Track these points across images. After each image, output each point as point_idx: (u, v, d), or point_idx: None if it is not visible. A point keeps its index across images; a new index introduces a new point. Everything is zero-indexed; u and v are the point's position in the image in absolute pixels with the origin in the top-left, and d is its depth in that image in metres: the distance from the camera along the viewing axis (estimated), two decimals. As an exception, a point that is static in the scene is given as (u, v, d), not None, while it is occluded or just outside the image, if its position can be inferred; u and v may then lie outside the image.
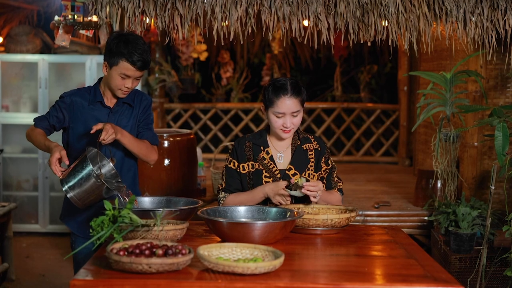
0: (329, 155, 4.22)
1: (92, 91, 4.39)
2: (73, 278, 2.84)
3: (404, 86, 10.67)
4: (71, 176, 3.86)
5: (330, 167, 4.20)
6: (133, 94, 4.42)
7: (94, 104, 4.36)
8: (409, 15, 5.44)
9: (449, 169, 6.19)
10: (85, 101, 4.36)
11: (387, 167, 10.81)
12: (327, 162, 4.18)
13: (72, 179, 3.86)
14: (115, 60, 4.14)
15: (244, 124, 11.45)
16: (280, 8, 5.33)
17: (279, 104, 3.98)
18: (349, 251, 3.44)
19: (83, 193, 3.85)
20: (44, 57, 8.76)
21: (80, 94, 4.40)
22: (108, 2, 5.43)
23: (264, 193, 3.97)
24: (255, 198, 4.00)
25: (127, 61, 4.11)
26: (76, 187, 3.85)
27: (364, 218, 6.94)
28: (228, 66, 12.13)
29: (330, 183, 4.19)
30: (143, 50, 4.14)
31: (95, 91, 4.38)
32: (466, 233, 5.87)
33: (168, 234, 3.27)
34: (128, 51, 4.09)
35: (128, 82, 4.20)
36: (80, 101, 4.37)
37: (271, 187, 3.95)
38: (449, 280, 2.86)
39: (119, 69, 4.15)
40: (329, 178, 4.19)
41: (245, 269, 2.80)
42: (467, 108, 5.99)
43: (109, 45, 4.16)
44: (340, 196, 4.21)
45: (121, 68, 4.14)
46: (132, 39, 4.14)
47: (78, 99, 4.37)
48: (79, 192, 3.85)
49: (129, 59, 4.10)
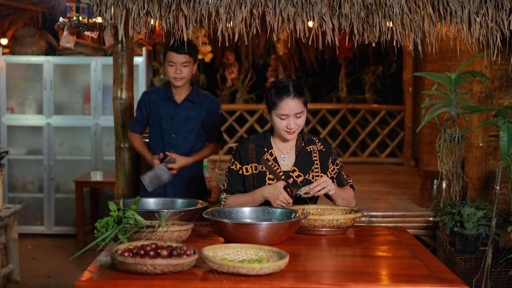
0: (336, 155, 4.22)
1: (164, 88, 5.43)
2: (77, 279, 2.84)
3: (409, 87, 10.66)
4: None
5: (339, 167, 4.20)
6: (200, 95, 5.39)
7: (164, 100, 5.35)
8: (414, 15, 5.43)
9: (454, 170, 6.18)
10: (158, 97, 5.38)
11: (392, 168, 10.80)
12: (335, 162, 4.18)
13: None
14: (165, 52, 5.28)
15: (249, 125, 11.45)
16: (284, 9, 5.33)
17: (282, 106, 3.97)
18: (354, 252, 3.44)
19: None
20: (49, 59, 8.78)
21: (155, 92, 5.47)
22: (112, 3, 5.43)
23: (263, 196, 3.95)
24: (255, 201, 3.99)
25: (169, 49, 5.14)
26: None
27: (369, 219, 6.94)
28: (233, 67, 12.12)
29: (341, 181, 4.19)
30: (183, 41, 4.87)
31: (166, 88, 5.40)
32: (471, 234, 5.86)
33: (173, 235, 3.26)
34: (172, 43, 4.96)
35: (176, 69, 5.18)
36: (154, 98, 5.40)
37: (270, 191, 3.92)
38: (454, 281, 2.86)
39: (167, 59, 5.20)
40: (339, 176, 4.19)
41: (250, 270, 2.80)
42: (472, 108, 5.98)
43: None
44: (353, 192, 4.22)
45: (168, 57, 5.20)
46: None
47: (153, 96, 5.41)
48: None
49: (171, 47, 5.10)
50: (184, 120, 5.39)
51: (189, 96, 5.39)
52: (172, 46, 5.07)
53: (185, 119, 5.39)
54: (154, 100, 5.41)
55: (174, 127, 5.42)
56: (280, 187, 3.88)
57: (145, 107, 5.44)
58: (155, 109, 5.41)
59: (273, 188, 3.91)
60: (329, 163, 4.15)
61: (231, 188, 4.14)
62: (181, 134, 5.40)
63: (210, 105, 5.43)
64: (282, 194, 3.86)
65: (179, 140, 5.41)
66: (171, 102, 5.38)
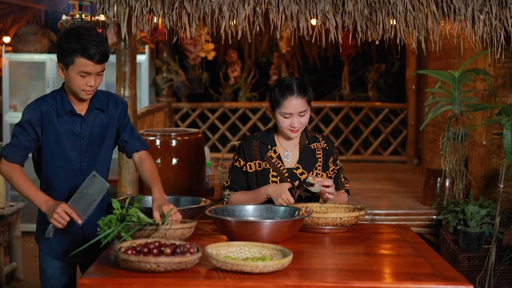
0: (337, 155, 4.21)
1: (59, 99, 3.75)
2: (81, 277, 2.84)
3: (412, 85, 10.64)
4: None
5: (338, 168, 4.19)
6: (106, 98, 3.88)
7: (63, 115, 3.74)
8: (417, 13, 5.43)
9: (458, 168, 6.18)
10: (54, 112, 3.72)
11: (395, 166, 10.78)
12: (335, 163, 4.17)
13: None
14: (69, 58, 3.59)
15: (252, 123, 11.44)
16: (288, 7, 5.32)
17: (286, 105, 3.96)
18: (357, 250, 3.44)
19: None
20: (52, 57, 8.78)
21: (48, 103, 3.75)
22: (115, 1, 5.43)
23: (267, 194, 3.95)
24: (258, 199, 3.99)
25: (83, 56, 3.57)
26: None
27: (372, 217, 6.93)
28: (235, 65, 12.12)
29: (337, 184, 4.17)
30: (99, 41, 3.61)
31: (62, 98, 3.75)
32: (474, 232, 5.85)
33: (176, 233, 3.26)
34: (81, 45, 3.56)
35: (90, 80, 3.64)
36: (49, 112, 3.73)
37: (274, 189, 3.93)
38: (458, 279, 2.86)
39: (77, 68, 3.59)
40: (337, 178, 4.18)
41: (254, 268, 2.80)
42: (475, 106, 5.97)
43: (60, 44, 3.63)
44: (347, 197, 4.22)
45: (79, 65, 3.59)
46: (83, 32, 3.62)
47: (47, 108, 3.73)
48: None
49: (85, 54, 3.56)
50: (94, 137, 3.90)
51: (95, 104, 3.84)
52: (86, 52, 3.57)
53: (95, 136, 3.89)
54: (50, 115, 3.74)
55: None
56: (285, 187, 3.88)
57: (39, 125, 3.72)
58: (52, 128, 3.76)
59: (277, 187, 3.92)
60: (329, 162, 4.14)
61: (235, 185, 4.14)
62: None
63: (119, 106, 3.98)
64: (286, 193, 3.86)
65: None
66: (74, 117, 3.78)
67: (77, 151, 3.75)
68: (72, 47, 3.55)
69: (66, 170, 3.76)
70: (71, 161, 3.75)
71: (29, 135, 3.67)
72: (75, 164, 3.76)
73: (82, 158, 3.77)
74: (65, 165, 3.75)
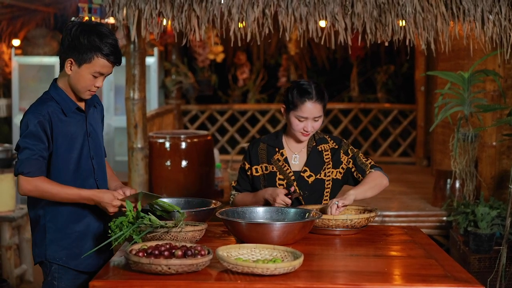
0: (347, 145, 4.12)
1: (60, 98, 3.54)
2: (92, 279, 2.85)
3: (421, 86, 10.63)
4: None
5: (352, 155, 4.13)
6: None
7: (71, 114, 3.51)
8: (427, 14, 5.42)
9: (468, 169, 6.16)
10: (60, 112, 3.49)
11: (405, 167, 10.78)
12: (347, 152, 4.11)
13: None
14: (88, 56, 3.36)
15: (261, 125, 11.45)
16: (297, 9, 5.33)
17: (302, 109, 3.94)
18: (368, 252, 3.43)
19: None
20: (61, 60, 8.79)
21: (51, 105, 3.51)
22: (125, 4, 5.45)
23: (264, 198, 3.96)
24: (257, 202, 4.00)
25: (105, 57, 3.36)
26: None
27: (382, 218, 6.92)
28: (244, 67, 12.13)
29: (360, 167, 4.11)
30: (117, 44, 3.45)
31: (63, 97, 3.55)
32: (485, 233, 5.84)
33: (187, 235, 3.26)
34: (104, 45, 3.36)
35: (99, 81, 3.45)
36: (55, 113, 3.49)
37: (269, 193, 3.92)
38: (469, 280, 2.85)
39: (93, 67, 3.38)
40: (356, 163, 4.13)
41: (265, 270, 2.80)
42: (485, 107, 5.96)
43: (76, 39, 3.37)
44: (379, 172, 4.14)
45: (96, 65, 3.37)
46: (106, 31, 3.41)
47: (53, 109, 3.49)
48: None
49: (107, 55, 3.37)
50: (96, 133, 3.79)
51: (91, 100, 3.66)
52: (109, 54, 3.38)
53: (97, 133, 3.78)
54: (57, 116, 3.49)
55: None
56: (279, 191, 3.87)
57: (49, 128, 3.47)
58: (60, 130, 3.49)
59: (272, 191, 3.92)
60: (341, 156, 4.11)
61: (240, 186, 4.18)
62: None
63: (100, 104, 3.83)
64: (280, 196, 3.85)
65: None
66: (78, 115, 3.56)
67: (87, 150, 3.54)
68: (95, 45, 3.34)
69: (80, 172, 3.51)
70: (84, 163, 3.52)
71: (42, 143, 3.38)
72: (87, 164, 3.53)
73: (91, 157, 3.56)
74: (79, 168, 3.51)
